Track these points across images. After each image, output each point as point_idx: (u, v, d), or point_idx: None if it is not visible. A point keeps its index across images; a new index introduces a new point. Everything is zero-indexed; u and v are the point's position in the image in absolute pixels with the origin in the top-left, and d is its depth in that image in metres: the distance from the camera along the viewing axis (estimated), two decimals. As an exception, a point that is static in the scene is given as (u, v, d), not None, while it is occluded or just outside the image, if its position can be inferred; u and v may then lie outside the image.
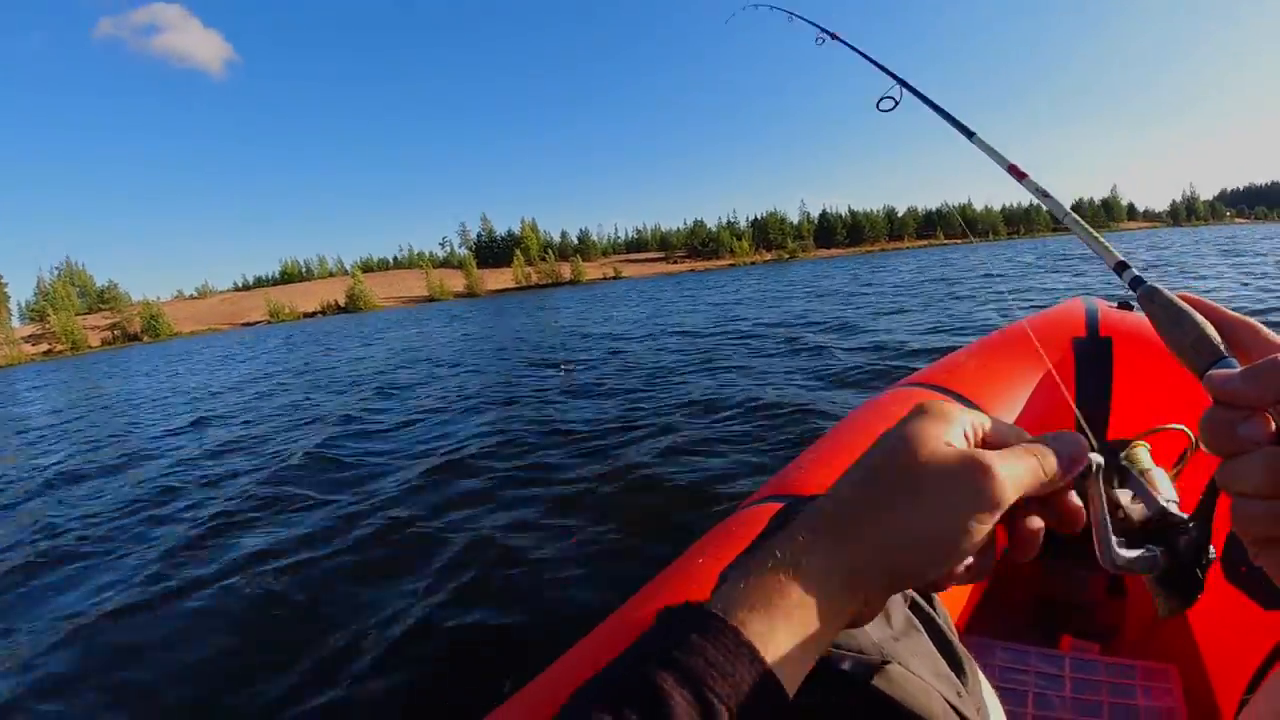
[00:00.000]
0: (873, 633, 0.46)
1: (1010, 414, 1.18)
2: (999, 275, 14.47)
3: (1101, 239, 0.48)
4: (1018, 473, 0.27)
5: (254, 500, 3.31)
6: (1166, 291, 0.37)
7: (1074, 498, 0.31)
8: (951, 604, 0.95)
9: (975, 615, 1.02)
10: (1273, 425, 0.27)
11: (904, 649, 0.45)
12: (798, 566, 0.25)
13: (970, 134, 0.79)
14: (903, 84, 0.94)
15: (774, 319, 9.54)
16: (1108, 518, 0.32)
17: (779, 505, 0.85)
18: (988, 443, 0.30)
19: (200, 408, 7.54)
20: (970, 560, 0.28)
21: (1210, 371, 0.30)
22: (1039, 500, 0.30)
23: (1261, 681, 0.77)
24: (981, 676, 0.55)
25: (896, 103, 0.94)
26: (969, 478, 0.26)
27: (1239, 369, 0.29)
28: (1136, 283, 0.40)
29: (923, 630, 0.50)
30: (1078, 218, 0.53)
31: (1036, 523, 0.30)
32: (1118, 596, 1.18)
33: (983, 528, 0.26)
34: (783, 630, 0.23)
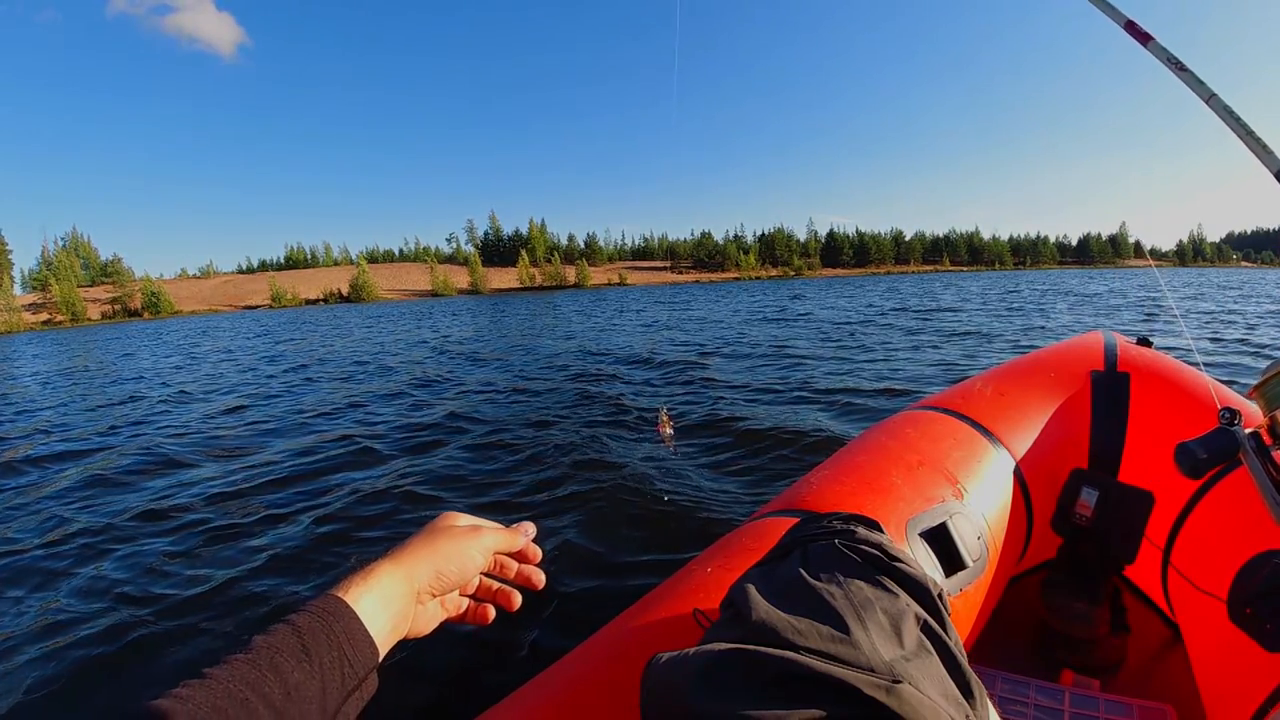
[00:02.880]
0: (885, 652, 0.47)
1: (1023, 442, 1.18)
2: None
3: (1257, 134, 0.39)
4: (499, 537, 0.53)
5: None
6: None
7: (535, 567, 0.56)
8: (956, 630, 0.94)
9: (978, 643, 1.01)
10: None
11: (915, 670, 0.46)
12: (379, 566, 0.46)
13: None
14: None
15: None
16: (1269, 484, 0.32)
17: (788, 519, 0.84)
18: (484, 526, 0.54)
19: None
20: (486, 594, 0.55)
21: None
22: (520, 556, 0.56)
23: None
24: (989, 702, 0.55)
25: None
26: (474, 533, 0.52)
27: None
28: None
29: (934, 652, 0.50)
30: (1227, 103, 0.41)
31: (537, 574, 0.56)
32: (1120, 632, 1.17)
33: (481, 558, 0.51)
34: (368, 597, 0.43)
